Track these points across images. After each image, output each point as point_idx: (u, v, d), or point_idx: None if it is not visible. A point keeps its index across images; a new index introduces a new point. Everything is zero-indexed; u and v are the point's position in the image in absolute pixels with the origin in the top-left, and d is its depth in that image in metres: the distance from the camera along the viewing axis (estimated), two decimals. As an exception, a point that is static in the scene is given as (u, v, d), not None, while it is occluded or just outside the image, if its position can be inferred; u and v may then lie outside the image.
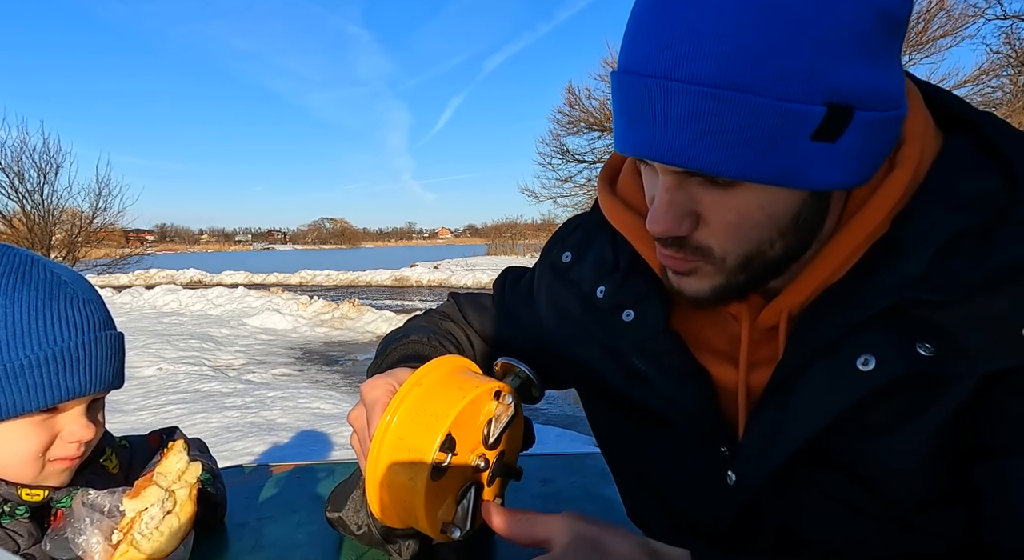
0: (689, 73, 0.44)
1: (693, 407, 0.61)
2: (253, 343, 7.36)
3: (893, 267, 0.50)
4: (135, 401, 4.65)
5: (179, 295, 11.44)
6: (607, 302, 0.67)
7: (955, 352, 0.47)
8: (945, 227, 0.49)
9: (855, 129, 0.46)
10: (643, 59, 0.46)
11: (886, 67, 0.46)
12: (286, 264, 30.57)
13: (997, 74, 11.97)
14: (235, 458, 3.24)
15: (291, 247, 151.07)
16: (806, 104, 0.44)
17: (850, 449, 0.53)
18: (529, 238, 37.30)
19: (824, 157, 0.46)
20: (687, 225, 0.52)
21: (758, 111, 0.44)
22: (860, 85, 0.45)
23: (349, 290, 16.07)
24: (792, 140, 0.45)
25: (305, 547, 0.83)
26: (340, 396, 4.87)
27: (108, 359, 0.70)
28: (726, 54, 0.43)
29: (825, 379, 0.52)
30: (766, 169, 0.46)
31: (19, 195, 20.56)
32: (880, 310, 0.50)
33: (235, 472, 1.09)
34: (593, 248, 0.71)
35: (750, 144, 0.45)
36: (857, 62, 0.44)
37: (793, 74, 0.43)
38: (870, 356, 0.49)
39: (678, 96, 0.45)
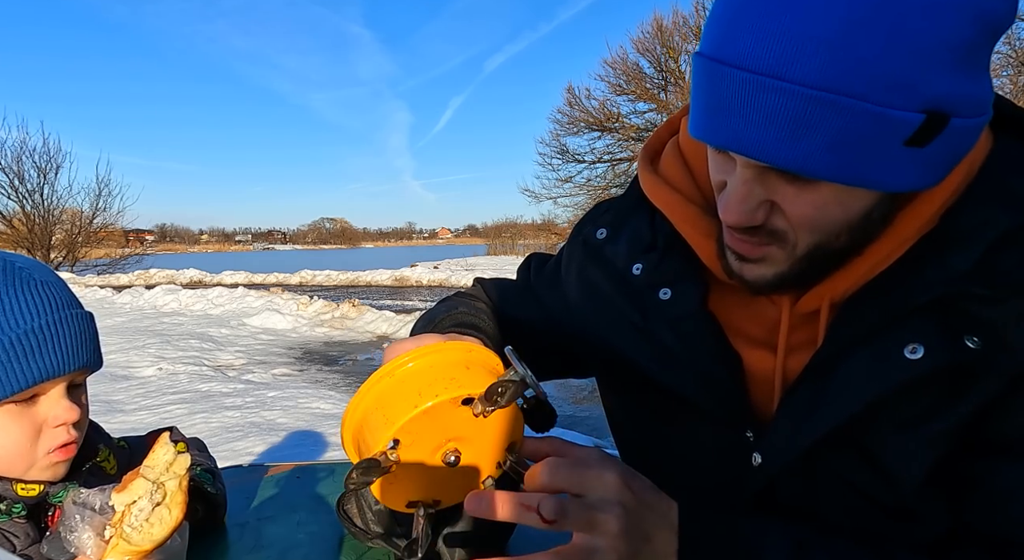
0: (791, 73, 0.43)
1: (723, 389, 0.62)
2: (253, 343, 7.36)
3: (941, 261, 0.52)
4: (135, 401, 4.65)
5: (179, 295, 11.43)
6: (643, 279, 0.67)
7: (1000, 348, 0.49)
8: (996, 225, 0.50)
9: (946, 135, 0.46)
10: (741, 52, 0.46)
11: (981, 74, 0.47)
12: (286, 264, 30.59)
13: (997, 74, 11.97)
14: (235, 458, 3.24)
15: (291, 247, 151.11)
16: (906, 111, 0.44)
17: (877, 438, 0.54)
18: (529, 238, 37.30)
19: (911, 161, 0.46)
20: (761, 214, 0.52)
21: (857, 116, 0.44)
22: (958, 93, 0.45)
23: (349, 290, 16.08)
24: (886, 145, 0.45)
25: (305, 547, 0.83)
26: (340, 396, 4.87)
27: (77, 338, 0.69)
28: (830, 57, 0.42)
29: (868, 364, 0.53)
30: (855, 172, 0.46)
31: (19, 195, 20.61)
32: (927, 301, 0.51)
33: (235, 472, 1.09)
34: (628, 226, 0.71)
35: (845, 148, 0.45)
36: (958, 71, 0.44)
37: (895, 81, 0.43)
38: (919, 345, 0.50)
39: (777, 95, 0.44)
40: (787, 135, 0.45)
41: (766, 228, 0.53)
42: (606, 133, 17.77)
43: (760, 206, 0.52)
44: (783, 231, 0.53)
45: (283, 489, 1.02)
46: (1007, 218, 0.50)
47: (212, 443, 1.00)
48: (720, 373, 0.62)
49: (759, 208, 0.52)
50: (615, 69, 17.39)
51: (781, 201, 0.52)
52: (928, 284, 0.51)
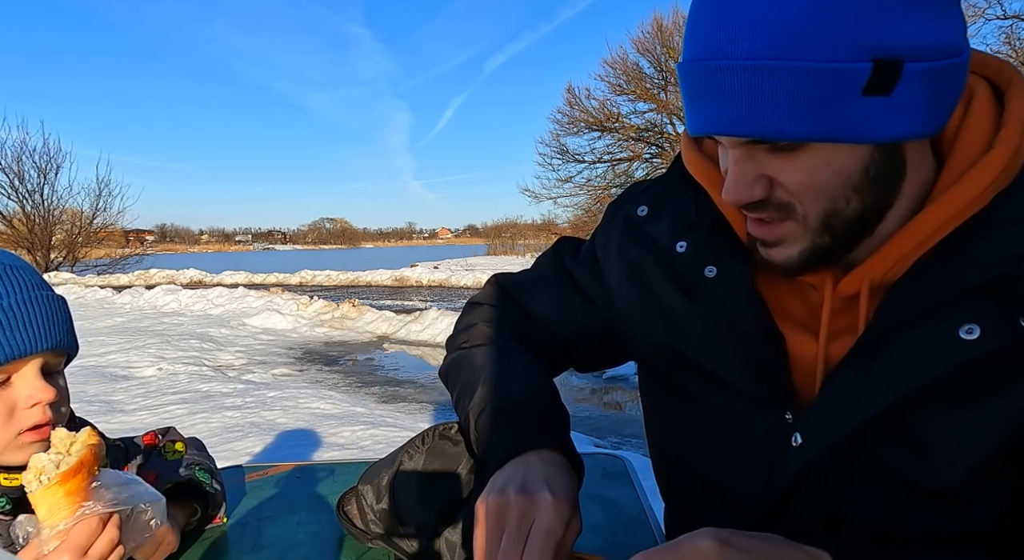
0: (738, 51, 0.48)
1: (765, 368, 0.62)
2: (253, 343, 7.36)
3: (992, 243, 0.52)
4: (135, 401, 4.65)
5: (179, 295, 11.43)
6: (688, 257, 0.67)
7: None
8: None
9: (909, 80, 0.47)
10: (699, 47, 0.51)
11: (937, 18, 0.47)
12: (286, 264, 30.58)
13: (997, 74, 11.93)
14: (235, 458, 3.24)
15: (291, 247, 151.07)
16: (851, 62, 0.46)
17: (926, 420, 0.54)
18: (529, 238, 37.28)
19: (882, 110, 0.48)
20: (759, 190, 0.54)
21: (804, 75, 0.46)
22: (906, 38, 0.46)
23: (349, 290, 16.07)
24: (844, 98, 0.47)
25: (305, 547, 0.83)
26: (340, 396, 4.87)
27: (48, 318, 0.70)
28: (769, 28, 0.46)
29: (921, 345, 0.52)
30: (822, 128, 0.48)
31: (19, 195, 20.61)
32: (980, 283, 0.51)
33: (235, 472, 1.09)
34: (672, 203, 0.71)
35: (802, 107, 0.47)
36: (901, 17, 0.46)
37: (835, 36, 0.46)
38: (974, 325, 0.50)
39: (729, 73, 0.48)
40: (746, 107, 0.49)
41: (772, 202, 0.55)
42: (606, 133, 17.76)
43: (756, 181, 0.54)
44: (788, 202, 0.54)
45: (283, 489, 1.02)
46: None
47: (212, 443, 1.00)
48: (764, 352, 0.61)
49: (756, 183, 0.54)
50: (615, 69, 17.40)
51: (775, 173, 0.53)
52: (980, 265, 0.51)
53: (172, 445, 0.93)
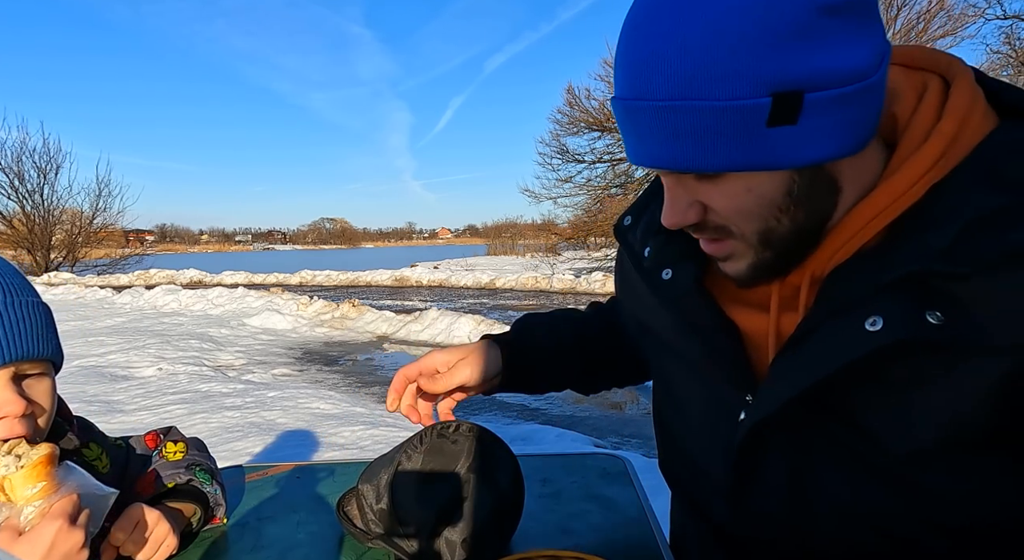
0: (650, 92, 0.51)
1: (726, 357, 0.66)
2: (253, 343, 7.36)
3: (920, 238, 0.53)
4: (135, 401, 4.65)
5: (179, 295, 11.43)
6: (651, 261, 0.73)
7: (967, 324, 0.50)
8: (978, 204, 0.51)
9: (814, 109, 0.49)
10: (621, 85, 0.55)
11: (838, 48, 0.49)
12: (286, 264, 30.56)
13: (997, 74, 11.96)
14: (235, 458, 3.24)
15: (291, 247, 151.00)
16: (751, 99, 0.49)
17: (856, 405, 0.56)
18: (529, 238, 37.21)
19: (790, 138, 0.50)
20: (693, 213, 0.58)
21: (709, 113, 0.49)
22: (804, 71, 0.48)
23: (349, 290, 16.07)
24: (750, 131, 0.50)
25: (305, 547, 0.83)
26: (340, 396, 4.87)
27: (17, 326, 0.67)
28: (676, 70, 0.49)
29: (835, 334, 0.55)
30: (733, 160, 0.51)
31: (19, 195, 20.61)
32: (898, 277, 0.52)
33: (235, 472, 1.09)
34: (648, 211, 0.77)
35: (711, 142, 0.51)
36: (798, 52, 0.48)
37: (734, 75, 0.48)
38: (879, 318, 0.52)
39: (645, 113, 0.52)
40: (662, 143, 0.53)
41: (709, 225, 0.59)
42: (606, 133, 17.76)
43: (690, 207, 0.58)
44: (723, 225, 0.58)
45: (283, 489, 1.02)
46: (988, 199, 0.51)
47: (212, 443, 1.01)
48: (722, 342, 0.66)
49: (689, 208, 0.58)
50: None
51: (704, 199, 0.57)
52: (903, 260, 0.53)
53: (173, 445, 0.93)
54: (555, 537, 0.86)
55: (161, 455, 0.91)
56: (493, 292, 15.21)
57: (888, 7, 10.64)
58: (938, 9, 10.72)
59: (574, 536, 0.87)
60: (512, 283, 16.00)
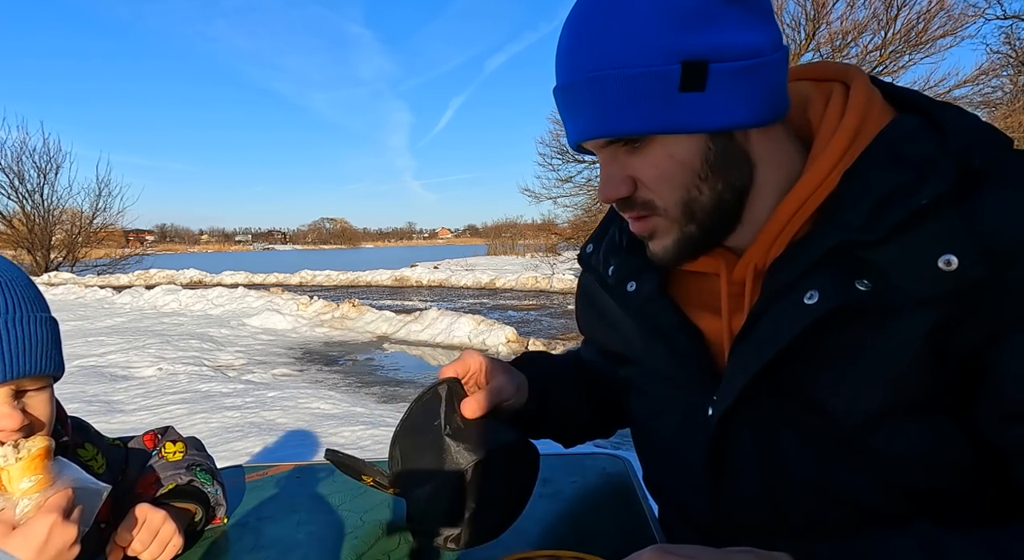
0: (580, 68, 0.60)
1: (690, 359, 0.71)
2: (253, 343, 7.36)
3: (839, 218, 0.59)
4: (135, 401, 4.65)
5: (179, 295, 11.43)
6: (615, 277, 0.79)
7: (889, 286, 0.55)
8: (885, 182, 0.58)
9: (718, 77, 0.57)
10: (560, 74, 0.63)
11: (739, 27, 0.58)
12: (286, 264, 30.57)
13: (997, 74, 11.96)
14: (235, 458, 3.24)
15: (291, 247, 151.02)
16: (664, 66, 0.57)
17: (806, 380, 0.61)
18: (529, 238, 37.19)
19: (700, 104, 0.58)
20: (625, 187, 0.64)
21: (629, 80, 0.57)
22: (709, 44, 0.57)
23: (349, 290, 16.07)
24: (665, 96, 0.58)
25: (305, 547, 0.83)
26: (340, 396, 4.87)
27: (24, 343, 0.66)
28: (600, 46, 0.58)
29: (778, 315, 0.61)
30: (653, 122, 0.59)
31: (19, 195, 20.61)
32: (824, 252, 0.58)
33: (235, 472, 1.09)
34: (607, 234, 0.84)
35: (633, 106, 0.58)
36: (700, 29, 0.57)
37: (648, 46, 0.57)
38: (815, 291, 0.58)
39: (578, 89, 0.61)
40: (592, 113, 0.60)
41: (637, 200, 0.65)
42: (606, 133, 17.72)
43: (622, 182, 0.64)
44: (650, 200, 0.64)
45: (283, 489, 1.02)
46: (891, 177, 0.58)
47: (212, 443, 1.00)
48: (685, 344, 0.71)
49: (621, 183, 0.64)
50: (615, 69, 17.34)
51: (634, 172, 0.63)
52: (826, 238, 0.59)
53: (172, 445, 0.93)
54: (555, 537, 0.86)
55: (160, 455, 0.91)
56: (493, 292, 15.21)
57: (888, 7, 10.64)
58: (938, 9, 10.71)
59: (574, 536, 0.87)
60: (512, 283, 16.00)
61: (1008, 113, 11.29)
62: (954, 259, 0.53)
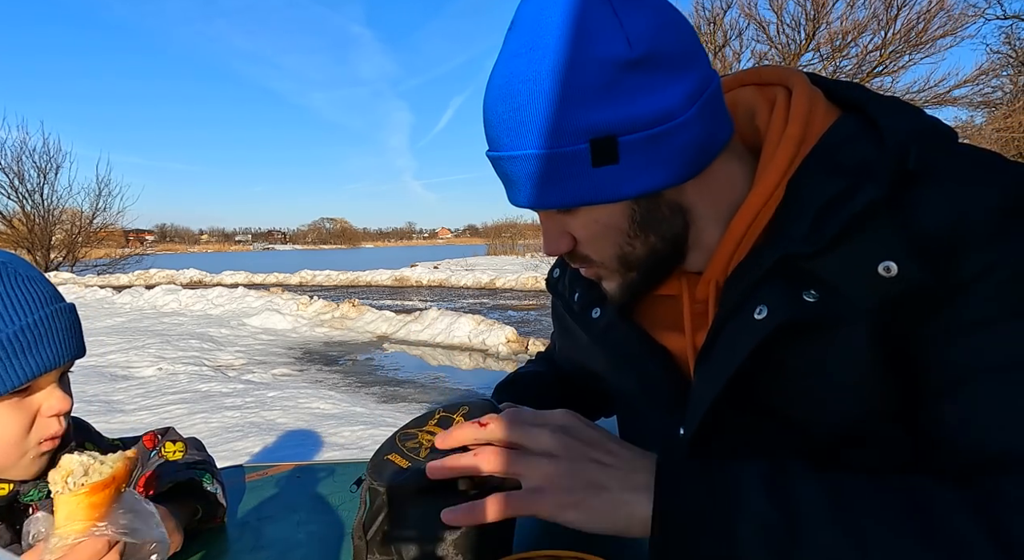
0: (499, 145, 0.60)
1: (657, 381, 0.72)
2: (253, 343, 7.36)
3: (785, 230, 0.59)
4: (135, 401, 4.65)
5: (179, 295, 11.43)
6: (580, 303, 0.79)
7: (836, 296, 0.56)
8: (823, 191, 0.58)
9: (629, 149, 0.57)
10: (488, 141, 0.63)
11: (642, 96, 0.56)
12: (286, 264, 30.58)
13: (997, 74, 11.96)
14: (235, 458, 3.24)
15: (291, 247, 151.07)
16: (572, 145, 0.56)
17: (769, 395, 0.61)
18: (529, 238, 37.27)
19: (615, 174, 0.58)
20: (564, 243, 0.65)
21: (541, 159, 0.58)
22: (613, 119, 0.56)
23: (349, 290, 16.07)
24: (579, 171, 0.58)
25: (305, 547, 0.83)
26: (340, 396, 4.87)
27: (68, 330, 0.72)
28: (509, 127, 0.58)
29: (733, 332, 0.60)
30: (570, 197, 0.59)
31: (19, 195, 20.59)
32: (769, 267, 0.59)
33: (235, 472, 1.09)
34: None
35: (548, 182, 0.59)
36: (605, 104, 0.55)
37: (555, 128, 0.56)
38: (763, 306, 0.58)
39: (498, 163, 0.62)
40: (513, 186, 0.62)
41: (577, 254, 0.66)
42: (606, 133, 17.73)
43: (560, 237, 0.65)
44: (587, 255, 0.66)
45: (283, 489, 1.02)
46: (830, 185, 0.58)
47: (212, 443, 1.00)
48: (653, 366, 0.72)
49: (560, 239, 0.65)
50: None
51: (570, 230, 0.64)
52: (772, 252, 0.59)
53: (172, 445, 0.93)
54: (555, 537, 0.86)
55: (160, 455, 0.91)
56: (493, 292, 15.21)
57: (888, 7, 10.64)
58: (938, 9, 10.71)
59: (574, 536, 0.86)
60: (512, 283, 16.00)
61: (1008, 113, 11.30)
62: (893, 265, 0.53)
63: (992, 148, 6.39)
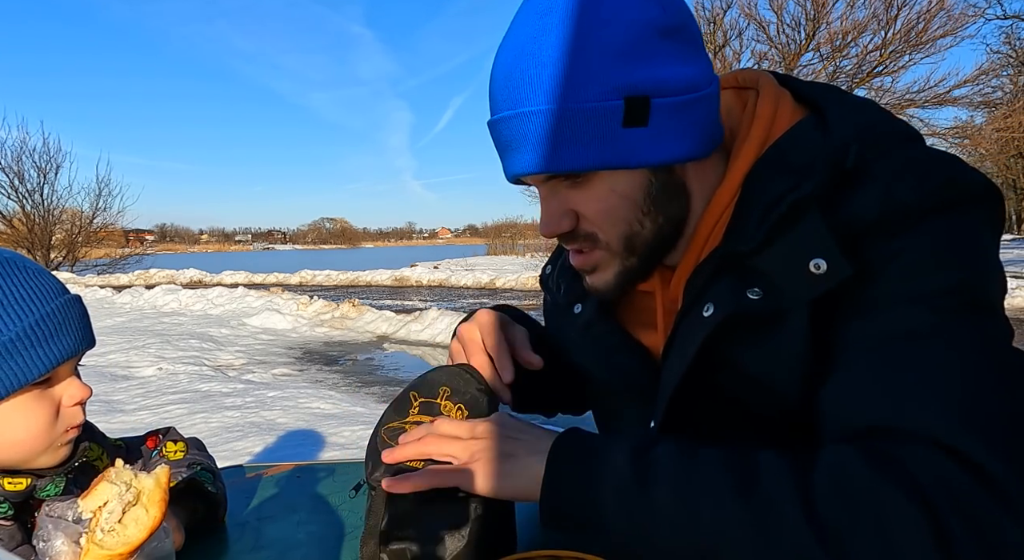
0: (519, 104, 0.58)
1: (635, 375, 0.72)
2: (253, 343, 7.36)
3: (736, 229, 0.60)
4: (135, 401, 4.65)
5: (179, 295, 11.43)
6: (564, 299, 0.80)
7: (776, 291, 0.57)
8: (771, 190, 0.59)
9: (660, 113, 0.57)
10: (497, 104, 0.61)
11: (676, 62, 0.57)
12: (286, 264, 30.59)
13: (997, 74, 11.98)
14: (235, 458, 3.24)
15: (291, 247, 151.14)
16: (607, 101, 0.55)
17: (728, 383, 0.62)
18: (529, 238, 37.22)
19: (643, 139, 0.57)
20: (567, 222, 0.64)
21: (570, 115, 0.56)
22: (650, 79, 0.56)
23: (349, 290, 16.07)
24: (608, 131, 0.56)
25: (305, 547, 0.83)
26: (340, 396, 4.87)
27: (81, 319, 0.73)
28: (542, 81, 0.56)
29: (686, 330, 0.63)
30: (597, 157, 0.57)
31: (19, 195, 20.61)
32: (716, 265, 0.60)
33: (235, 472, 1.09)
34: (563, 255, 0.83)
35: (575, 142, 0.57)
36: (644, 63, 0.56)
37: (587, 83, 0.55)
38: (711, 304, 0.60)
39: (518, 121, 0.58)
40: (533, 148, 0.58)
41: (580, 234, 0.64)
42: (606, 133, 17.73)
43: (564, 215, 0.63)
44: (591, 232, 0.64)
45: (283, 489, 1.02)
46: (777, 184, 0.58)
47: (212, 443, 1.01)
48: (631, 362, 0.73)
49: (563, 217, 0.63)
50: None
51: (576, 206, 0.63)
52: (721, 251, 0.60)
53: (173, 445, 0.93)
54: (555, 537, 0.86)
55: (161, 455, 0.91)
56: (493, 292, 15.21)
57: (888, 7, 10.64)
58: (938, 9, 10.72)
59: (574, 537, 0.86)
60: (512, 283, 16.00)
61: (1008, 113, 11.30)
62: (823, 263, 0.54)
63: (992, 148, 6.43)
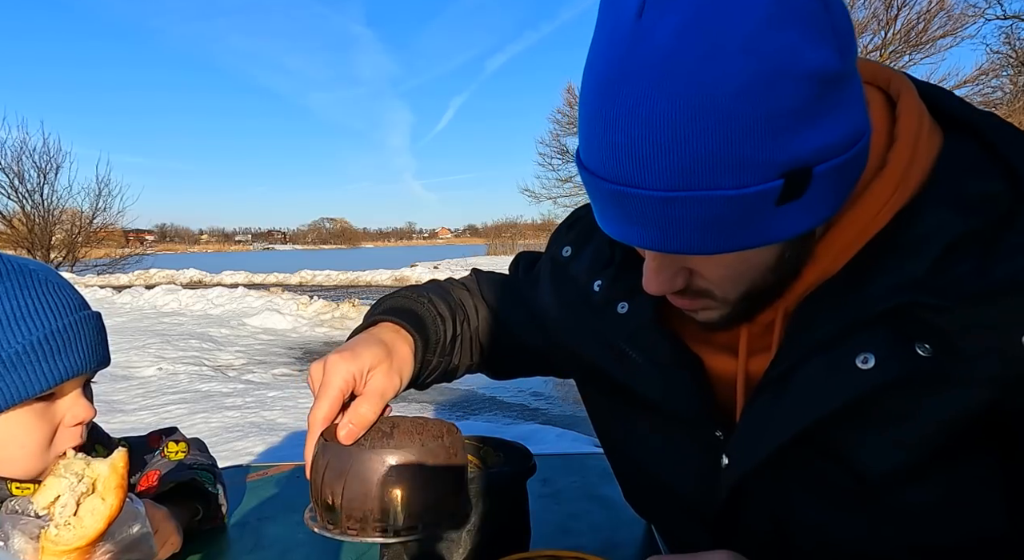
0: (643, 180, 0.46)
1: (686, 394, 0.63)
2: (253, 343, 7.36)
3: (896, 267, 0.51)
4: (135, 401, 4.65)
5: (179, 295, 11.43)
6: (603, 295, 0.69)
7: (952, 354, 0.48)
8: (950, 229, 0.50)
9: (820, 180, 0.47)
10: (599, 164, 0.48)
11: (835, 118, 0.46)
12: (286, 264, 30.57)
13: (997, 74, 11.98)
14: (235, 458, 3.24)
15: (291, 247, 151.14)
16: (762, 184, 0.45)
17: (844, 440, 0.54)
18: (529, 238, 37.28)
19: (795, 212, 0.48)
20: (680, 280, 0.55)
21: (715, 203, 0.45)
22: (811, 147, 0.45)
23: (349, 290, 16.06)
24: (758, 214, 0.46)
25: (305, 547, 0.83)
26: (340, 396, 4.86)
27: (94, 337, 0.72)
28: (677, 161, 0.44)
29: (823, 374, 0.53)
30: (738, 242, 0.48)
31: (19, 195, 20.61)
32: (883, 311, 0.50)
33: (235, 472, 1.09)
34: (592, 243, 0.74)
35: (717, 229, 0.47)
36: (802, 130, 0.44)
37: (745, 163, 0.44)
38: (869, 354, 0.50)
39: (639, 201, 0.47)
40: (661, 231, 0.48)
41: (692, 288, 0.56)
42: (606, 133, 17.75)
43: (677, 274, 0.55)
44: (708, 289, 0.56)
45: (283, 489, 1.02)
46: (960, 222, 0.50)
47: (212, 443, 1.01)
48: (682, 378, 0.63)
49: (676, 276, 0.55)
50: (615, 69, 17.39)
51: (695, 266, 0.54)
52: (884, 293, 0.51)
53: (175, 445, 0.93)
54: (555, 537, 0.86)
55: (163, 455, 0.91)
56: (493, 292, 15.18)
57: (888, 7, 10.64)
58: (938, 9, 10.72)
59: (574, 536, 0.87)
60: (512, 283, 15.97)
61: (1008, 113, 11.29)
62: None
63: (992, 148, 6.27)
